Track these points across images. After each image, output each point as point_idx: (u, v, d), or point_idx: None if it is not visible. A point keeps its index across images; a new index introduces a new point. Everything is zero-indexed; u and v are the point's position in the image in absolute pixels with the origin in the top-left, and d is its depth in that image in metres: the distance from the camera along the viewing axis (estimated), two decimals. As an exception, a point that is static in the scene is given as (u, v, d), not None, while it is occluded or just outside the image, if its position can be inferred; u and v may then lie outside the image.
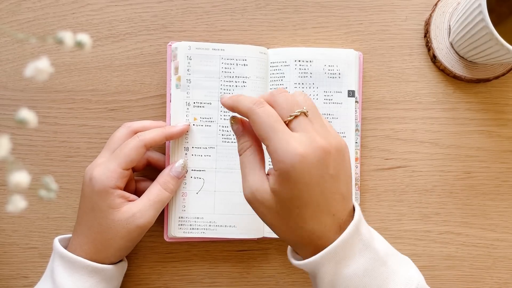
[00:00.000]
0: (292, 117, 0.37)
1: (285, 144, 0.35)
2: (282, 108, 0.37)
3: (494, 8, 0.45)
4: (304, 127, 0.36)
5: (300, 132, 0.36)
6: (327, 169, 0.36)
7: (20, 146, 0.51)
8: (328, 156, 0.36)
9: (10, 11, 0.51)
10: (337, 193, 0.37)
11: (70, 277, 0.42)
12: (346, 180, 0.38)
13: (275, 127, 0.36)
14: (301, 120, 0.37)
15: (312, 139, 0.36)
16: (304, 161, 0.35)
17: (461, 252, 0.52)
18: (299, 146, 0.35)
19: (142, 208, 0.43)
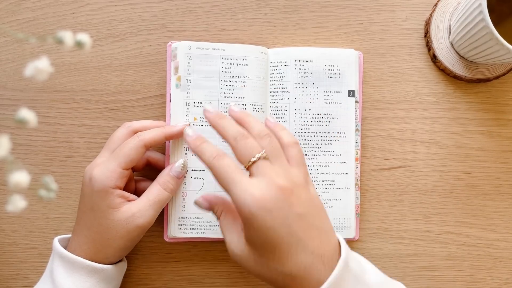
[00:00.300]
0: (251, 163, 0.38)
1: (242, 193, 0.36)
2: (241, 155, 0.38)
3: (494, 8, 0.45)
4: (262, 171, 0.37)
5: (258, 177, 0.37)
6: (291, 208, 0.36)
7: (20, 146, 0.51)
8: (290, 196, 0.36)
9: (10, 11, 0.51)
10: (309, 230, 0.37)
11: (69, 277, 0.42)
12: (319, 213, 0.38)
13: (233, 178, 0.37)
14: (259, 164, 0.38)
15: (270, 181, 0.36)
16: (262, 206, 0.35)
17: (461, 252, 0.52)
18: (256, 191, 0.36)
19: (142, 208, 0.43)
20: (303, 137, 0.50)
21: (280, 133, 0.42)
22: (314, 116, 0.50)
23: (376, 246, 0.52)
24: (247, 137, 0.39)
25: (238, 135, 0.39)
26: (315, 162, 0.50)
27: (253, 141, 0.39)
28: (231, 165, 0.38)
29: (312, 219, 0.37)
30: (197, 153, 0.40)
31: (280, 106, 0.50)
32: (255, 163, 0.38)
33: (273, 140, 0.40)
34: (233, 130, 0.40)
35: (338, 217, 0.50)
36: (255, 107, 0.49)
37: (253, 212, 0.35)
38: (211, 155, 0.39)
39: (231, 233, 0.40)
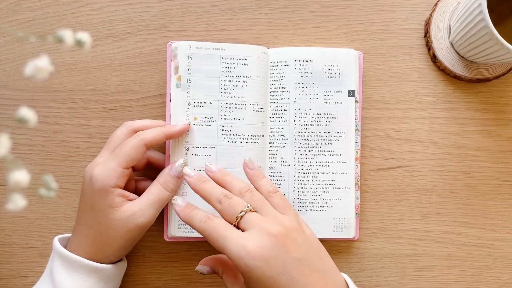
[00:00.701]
0: (239, 218, 0.38)
1: (235, 247, 0.36)
2: (227, 213, 0.39)
3: (494, 8, 0.45)
4: (251, 223, 0.38)
5: (248, 229, 0.37)
6: (288, 254, 0.36)
7: (20, 146, 0.51)
8: (285, 241, 0.36)
9: (10, 11, 0.51)
10: (311, 273, 0.37)
11: (69, 276, 0.42)
12: (318, 254, 0.38)
13: (224, 234, 0.37)
14: (247, 217, 0.38)
15: (260, 230, 0.37)
16: (257, 256, 0.35)
17: (461, 252, 0.52)
18: (248, 243, 0.36)
19: (142, 207, 0.43)
20: (303, 137, 0.50)
21: (259, 183, 0.43)
22: (314, 116, 0.50)
23: (376, 246, 0.52)
24: (231, 197, 0.40)
25: (222, 197, 0.40)
26: (315, 162, 0.50)
27: (237, 199, 0.40)
28: (221, 223, 0.38)
29: (312, 261, 0.37)
30: (187, 221, 0.40)
31: (280, 106, 0.50)
32: (242, 217, 0.38)
33: (255, 193, 0.41)
34: (216, 193, 0.40)
35: (338, 217, 0.50)
36: (255, 107, 0.49)
37: (248, 265, 0.35)
38: (200, 220, 0.39)
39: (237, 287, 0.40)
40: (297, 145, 0.50)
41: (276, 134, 0.50)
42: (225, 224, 0.38)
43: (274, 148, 0.50)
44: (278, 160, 0.50)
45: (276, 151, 0.50)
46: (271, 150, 0.50)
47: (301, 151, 0.50)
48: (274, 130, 0.50)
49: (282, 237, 0.37)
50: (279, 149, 0.50)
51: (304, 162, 0.50)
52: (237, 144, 0.49)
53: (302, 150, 0.50)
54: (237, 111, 0.49)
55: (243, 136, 0.49)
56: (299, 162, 0.50)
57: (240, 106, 0.49)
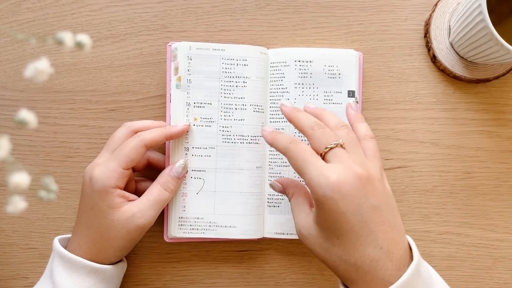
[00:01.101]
0: (327, 149, 0.38)
1: (317, 175, 0.36)
2: (318, 141, 0.38)
3: (494, 8, 0.45)
4: (339, 158, 0.37)
5: (334, 163, 0.37)
6: (365, 198, 0.35)
7: (20, 147, 0.51)
8: (367, 184, 0.36)
9: (10, 12, 0.51)
10: (382, 224, 0.36)
11: (69, 277, 0.42)
12: (393, 210, 0.37)
13: (308, 160, 0.37)
14: (336, 151, 0.37)
15: (346, 167, 0.36)
16: (337, 190, 0.35)
17: (461, 253, 0.52)
18: (331, 175, 0.35)
19: (142, 208, 0.43)
20: (303, 137, 0.50)
21: (358, 125, 0.42)
22: (314, 116, 0.50)
23: (376, 246, 0.52)
24: (324, 127, 0.40)
25: (314, 125, 0.40)
26: (315, 163, 0.50)
27: (330, 131, 0.39)
28: (307, 149, 0.38)
29: (386, 213, 0.36)
30: (273, 143, 0.41)
31: (280, 107, 0.50)
32: (331, 149, 0.38)
33: (351, 131, 0.40)
34: (310, 121, 0.40)
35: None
36: (255, 107, 0.49)
37: (326, 195, 0.35)
38: (287, 140, 0.39)
39: (300, 213, 0.40)
40: (297, 146, 0.50)
41: (276, 134, 0.50)
42: (311, 150, 0.38)
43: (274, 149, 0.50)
44: (278, 161, 0.50)
45: (276, 151, 0.50)
46: (271, 151, 0.50)
47: (301, 151, 0.50)
48: (274, 130, 0.50)
49: (365, 180, 0.36)
50: (279, 149, 0.50)
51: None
52: (237, 144, 0.49)
53: (302, 151, 0.50)
54: (237, 112, 0.49)
55: (243, 136, 0.49)
56: None
57: (240, 106, 0.49)
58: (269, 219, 0.50)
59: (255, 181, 0.49)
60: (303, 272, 0.51)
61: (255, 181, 0.49)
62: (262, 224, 0.50)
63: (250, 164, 0.49)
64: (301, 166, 0.37)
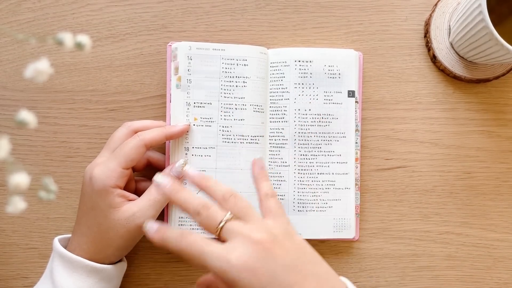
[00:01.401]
0: (219, 230, 0.35)
1: (218, 262, 0.33)
2: (208, 225, 0.36)
3: (494, 8, 0.45)
4: (233, 232, 0.35)
5: (230, 240, 0.35)
6: (276, 261, 0.33)
7: (20, 146, 0.51)
8: (272, 247, 0.34)
9: (10, 11, 0.51)
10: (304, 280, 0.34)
11: (69, 277, 0.42)
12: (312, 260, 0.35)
13: (203, 251, 0.34)
14: (228, 226, 0.35)
15: (243, 239, 0.34)
16: (242, 268, 0.33)
17: (461, 252, 0.52)
18: (231, 257, 0.33)
19: (143, 207, 0.43)
20: (303, 137, 0.50)
21: (260, 185, 0.41)
22: (314, 116, 0.50)
23: (376, 246, 0.52)
24: (209, 207, 0.37)
25: (199, 207, 0.37)
26: (315, 163, 0.50)
27: (216, 208, 0.37)
28: (197, 238, 0.35)
29: (305, 267, 0.34)
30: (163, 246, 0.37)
31: (280, 107, 0.50)
32: (223, 227, 0.35)
33: (239, 199, 0.37)
34: (194, 203, 0.37)
35: (338, 217, 0.50)
36: (255, 107, 0.49)
37: (235, 278, 0.33)
38: (175, 239, 0.36)
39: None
40: (297, 146, 0.50)
41: (276, 134, 0.50)
42: (202, 238, 0.35)
43: (274, 149, 0.50)
44: (278, 161, 0.50)
45: (276, 151, 0.50)
46: (271, 151, 0.50)
47: (301, 151, 0.50)
48: (274, 130, 0.50)
49: (269, 243, 0.34)
50: (279, 149, 0.50)
51: (304, 163, 0.50)
52: (237, 144, 0.49)
53: (302, 151, 0.50)
54: (237, 112, 0.49)
55: (243, 136, 0.49)
56: (299, 163, 0.50)
57: (240, 106, 0.49)
58: (269, 219, 0.50)
59: (255, 181, 0.49)
60: (303, 272, 0.51)
61: (255, 181, 0.49)
62: (262, 224, 0.50)
63: (250, 164, 0.49)
64: (199, 259, 0.34)
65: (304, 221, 0.49)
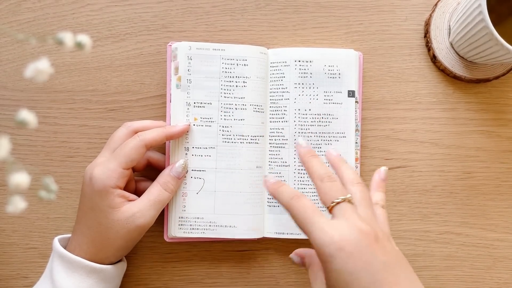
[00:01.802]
0: (334, 204, 0.36)
1: (320, 234, 0.34)
2: (325, 194, 0.37)
3: (494, 8, 0.45)
4: (344, 213, 0.35)
5: (339, 219, 0.35)
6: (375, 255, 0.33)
7: (20, 146, 0.51)
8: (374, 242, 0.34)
9: (10, 11, 0.51)
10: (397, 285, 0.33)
11: (68, 277, 0.42)
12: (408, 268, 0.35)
13: (311, 219, 0.35)
14: (343, 206, 0.36)
15: (351, 224, 0.34)
16: (341, 247, 0.33)
17: (461, 252, 0.52)
18: (335, 233, 0.33)
19: (142, 208, 0.43)
20: (302, 137, 0.50)
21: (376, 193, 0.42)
22: (314, 116, 0.50)
23: (376, 246, 0.52)
24: (334, 180, 0.38)
25: (325, 176, 0.38)
26: (315, 162, 0.50)
27: (339, 185, 0.38)
28: (309, 205, 0.36)
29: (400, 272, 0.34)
30: (274, 195, 0.39)
31: (280, 106, 0.50)
32: (338, 204, 0.36)
33: (366, 190, 0.39)
34: (321, 171, 0.39)
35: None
36: (255, 107, 0.49)
37: (332, 254, 0.33)
38: (288, 195, 0.37)
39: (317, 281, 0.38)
40: (297, 146, 0.50)
41: (276, 134, 0.50)
42: (314, 206, 0.36)
43: (274, 149, 0.50)
44: (278, 161, 0.50)
45: (276, 151, 0.50)
46: (271, 151, 0.50)
47: (301, 151, 0.50)
48: (274, 130, 0.50)
49: (372, 238, 0.34)
50: (279, 149, 0.50)
51: (304, 163, 0.50)
52: (237, 144, 0.49)
53: (302, 151, 0.50)
54: (237, 112, 0.49)
55: (243, 136, 0.49)
56: (299, 163, 0.50)
57: (240, 106, 0.49)
58: (269, 219, 0.50)
59: (255, 181, 0.49)
60: (303, 272, 0.51)
61: (255, 181, 0.49)
62: (262, 224, 0.50)
63: (250, 164, 0.49)
64: (304, 224, 0.35)
65: None
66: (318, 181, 0.38)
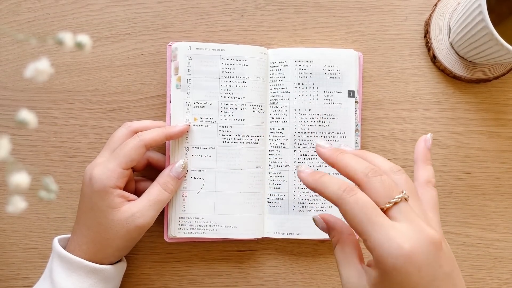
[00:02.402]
0: (391, 204, 0.31)
1: (386, 241, 0.30)
2: (377, 192, 0.32)
3: (494, 8, 0.45)
4: (406, 216, 0.31)
5: (402, 222, 0.31)
6: (439, 267, 0.30)
7: (20, 146, 0.51)
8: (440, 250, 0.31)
9: (10, 12, 0.51)
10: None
11: (68, 277, 0.42)
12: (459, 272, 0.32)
13: (372, 219, 0.31)
14: (401, 206, 0.31)
15: (419, 231, 0.30)
16: (411, 260, 0.29)
17: (461, 252, 0.52)
18: (404, 242, 0.30)
19: (142, 208, 0.43)
20: (302, 137, 0.50)
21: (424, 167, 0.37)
22: (314, 116, 0.50)
23: (376, 246, 0.52)
24: (380, 173, 0.33)
25: (369, 170, 0.33)
26: (315, 162, 0.50)
27: (389, 179, 0.33)
28: (368, 201, 0.31)
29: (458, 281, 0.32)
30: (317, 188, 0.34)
31: (280, 107, 0.50)
32: (396, 204, 0.31)
33: (408, 178, 0.34)
34: (362, 165, 0.34)
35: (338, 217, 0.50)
36: (255, 107, 0.49)
37: (398, 267, 0.29)
38: (340, 187, 0.33)
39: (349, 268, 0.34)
40: (297, 146, 0.50)
41: (276, 134, 0.50)
42: (373, 203, 0.31)
43: (274, 149, 0.50)
44: (278, 161, 0.50)
45: (276, 151, 0.50)
46: (271, 151, 0.50)
47: (301, 151, 0.50)
48: (274, 130, 0.50)
49: (438, 245, 0.30)
50: (279, 149, 0.50)
51: (304, 163, 0.50)
52: (237, 144, 0.49)
53: (302, 151, 0.50)
54: (237, 112, 0.49)
55: (243, 136, 0.49)
56: (299, 163, 0.50)
57: (240, 106, 0.49)
58: (269, 219, 0.50)
59: (255, 181, 0.49)
60: (303, 272, 0.51)
61: (255, 181, 0.49)
62: (262, 224, 0.50)
63: (250, 164, 0.49)
64: (362, 225, 0.31)
65: (304, 221, 0.49)
66: (363, 177, 0.33)
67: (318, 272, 0.51)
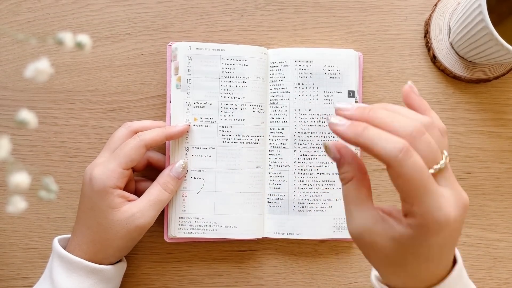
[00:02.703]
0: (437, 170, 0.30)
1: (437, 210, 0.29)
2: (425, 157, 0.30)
3: (494, 8, 0.45)
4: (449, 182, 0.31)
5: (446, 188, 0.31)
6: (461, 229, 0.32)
7: (20, 147, 0.51)
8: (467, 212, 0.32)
9: (10, 12, 0.51)
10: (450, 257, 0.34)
11: (68, 277, 0.42)
12: None
13: (427, 187, 0.29)
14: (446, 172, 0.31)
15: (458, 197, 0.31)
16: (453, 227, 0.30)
17: (461, 252, 0.52)
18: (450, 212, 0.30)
19: (142, 208, 0.43)
20: (302, 137, 0.50)
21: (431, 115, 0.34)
22: (314, 116, 0.50)
23: (376, 246, 0.52)
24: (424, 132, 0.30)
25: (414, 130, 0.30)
26: (315, 163, 0.50)
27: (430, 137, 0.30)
28: (424, 167, 0.29)
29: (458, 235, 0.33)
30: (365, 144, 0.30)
31: (280, 107, 0.50)
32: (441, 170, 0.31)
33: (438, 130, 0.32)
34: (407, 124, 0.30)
35: (338, 217, 0.50)
36: (255, 108, 0.49)
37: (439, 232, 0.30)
38: (394, 146, 0.29)
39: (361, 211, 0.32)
40: (297, 146, 0.50)
41: (276, 134, 0.50)
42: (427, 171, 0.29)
43: (274, 149, 0.50)
44: (278, 161, 0.50)
45: (276, 151, 0.50)
46: (271, 151, 0.50)
47: (301, 151, 0.50)
48: (274, 130, 0.50)
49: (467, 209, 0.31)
50: (279, 149, 0.50)
51: (304, 163, 0.50)
52: (237, 144, 0.49)
53: (302, 151, 0.50)
54: (237, 112, 0.49)
55: (243, 136, 0.49)
56: (299, 163, 0.50)
57: (240, 106, 0.49)
58: (269, 219, 0.50)
59: (255, 181, 0.49)
60: (303, 272, 0.51)
61: (255, 181, 0.49)
62: (262, 224, 0.50)
63: (250, 164, 0.49)
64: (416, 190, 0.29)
65: (304, 221, 0.49)
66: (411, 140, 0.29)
67: (318, 272, 0.51)
